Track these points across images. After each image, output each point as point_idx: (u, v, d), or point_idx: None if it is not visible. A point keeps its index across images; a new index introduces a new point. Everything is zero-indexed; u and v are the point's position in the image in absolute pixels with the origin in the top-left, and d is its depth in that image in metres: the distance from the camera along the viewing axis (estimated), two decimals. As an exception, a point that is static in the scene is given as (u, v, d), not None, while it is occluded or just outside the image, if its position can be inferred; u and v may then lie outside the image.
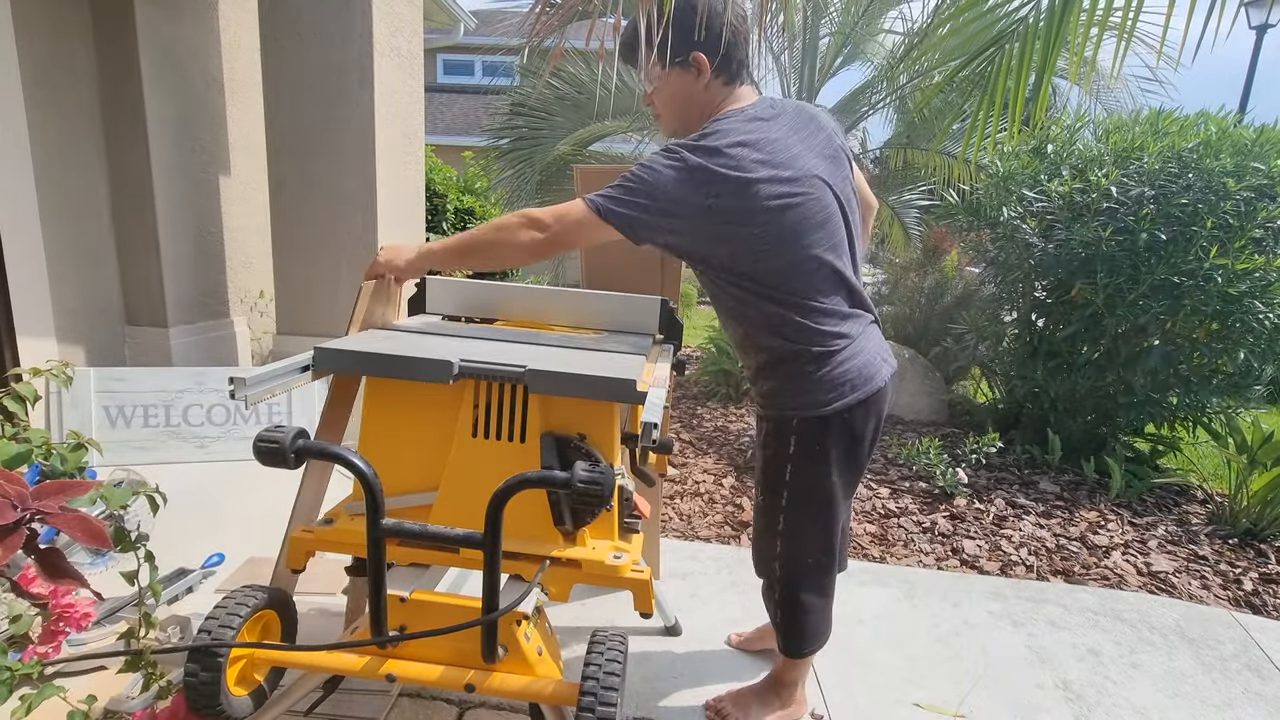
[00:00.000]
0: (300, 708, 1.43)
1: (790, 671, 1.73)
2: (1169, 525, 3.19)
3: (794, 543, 1.57)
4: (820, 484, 1.51)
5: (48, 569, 1.25)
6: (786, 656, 1.68)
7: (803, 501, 1.53)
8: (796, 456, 1.49)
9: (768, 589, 1.66)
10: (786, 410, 1.49)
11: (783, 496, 1.53)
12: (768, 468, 1.55)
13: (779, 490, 1.54)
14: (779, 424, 1.51)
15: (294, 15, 3.28)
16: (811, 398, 1.44)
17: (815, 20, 4.88)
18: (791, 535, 1.56)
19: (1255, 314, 3.19)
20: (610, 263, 2.07)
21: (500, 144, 5.30)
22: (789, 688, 1.74)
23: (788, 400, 1.48)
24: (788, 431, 1.49)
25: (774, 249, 1.36)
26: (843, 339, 1.44)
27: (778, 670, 1.76)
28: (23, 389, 1.67)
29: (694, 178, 1.31)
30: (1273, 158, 3.21)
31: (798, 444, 1.48)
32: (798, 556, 1.58)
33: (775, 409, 1.51)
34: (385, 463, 1.32)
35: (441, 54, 15.11)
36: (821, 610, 1.64)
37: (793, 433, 1.48)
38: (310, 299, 3.51)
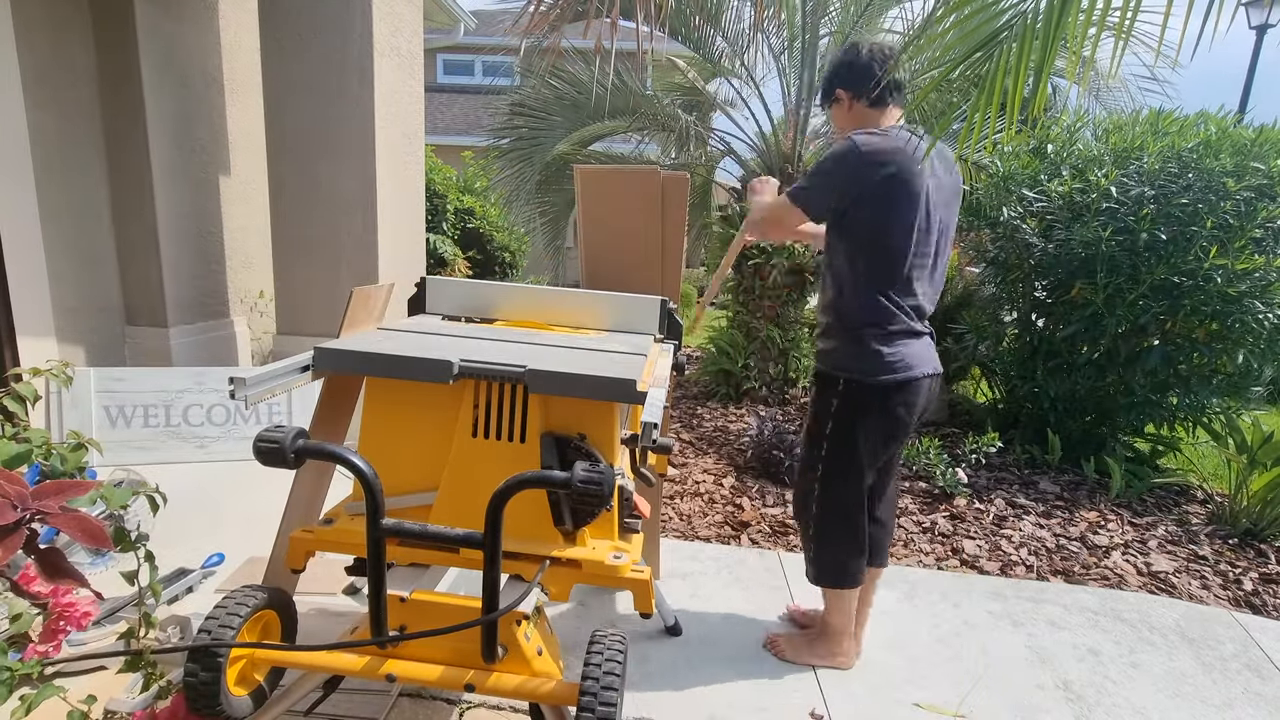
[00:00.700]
0: (300, 708, 1.43)
1: (832, 616, 1.94)
2: (1169, 525, 3.19)
3: (826, 489, 1.85)
4: (852, 441, 1.79)
5: (48, 569, 1.25)
6: (824, 586, 1.92)
7: (836, 454, 1.81)
8: (837, 413, 1.79)
9: (801, 526, 1.96)
10: (836, 370, 1.79)
11: (822, 447, 1.83)
12: (813, 419, 1.86)
13: (820, 440, 1.83)
14: (828, 381, 1.81)
15: (294, 15, 3.28)
16: (859, 365, 1.75)
17: (815, 20, 4.87)
18: (825, 481, 1.84)
19: (1255, 314, 3.19)
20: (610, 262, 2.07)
21: (500, 144, 5.29)
22: (833, 638, 1.96)
23: (840, 362, 1.79)
24: (834, 390, 1.79)
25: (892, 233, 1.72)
26: (900, 331, 1.75)
27: (824, 617, 1.98)
28: (23, 389, 1.67)
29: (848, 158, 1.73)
30: (1273, 158, 3.21)
31: (840, 403, 1.78)
32: (829, 501, 1.86)
33: (828, 367, 1.81)
34: (385, 463, 1.32)
35: (441, 54, 15.11)
36: (844, 553, 1.88)
37: (836, 394, 1.79)
38: (310, 299, 3.51)
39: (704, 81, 5.99)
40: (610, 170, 2.13)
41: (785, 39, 5.07)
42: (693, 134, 5.17)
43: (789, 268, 4.70)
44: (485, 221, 8.44)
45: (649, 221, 2.04)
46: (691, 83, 5.98)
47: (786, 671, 1.95)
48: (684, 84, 6.07)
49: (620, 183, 2.06)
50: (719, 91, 6.18)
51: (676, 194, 2.03)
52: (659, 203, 2.03)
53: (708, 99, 5.98)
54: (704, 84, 5.99)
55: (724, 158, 5.69)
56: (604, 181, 2.07)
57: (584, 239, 2.08)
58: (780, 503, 3.19)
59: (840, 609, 1.93)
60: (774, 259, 4.67)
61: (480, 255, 8.40)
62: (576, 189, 2.07)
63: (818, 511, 1.88)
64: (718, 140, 5.48)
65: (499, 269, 8.64)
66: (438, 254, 7.28)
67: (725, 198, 6.33)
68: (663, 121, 5.18)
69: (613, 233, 2.06)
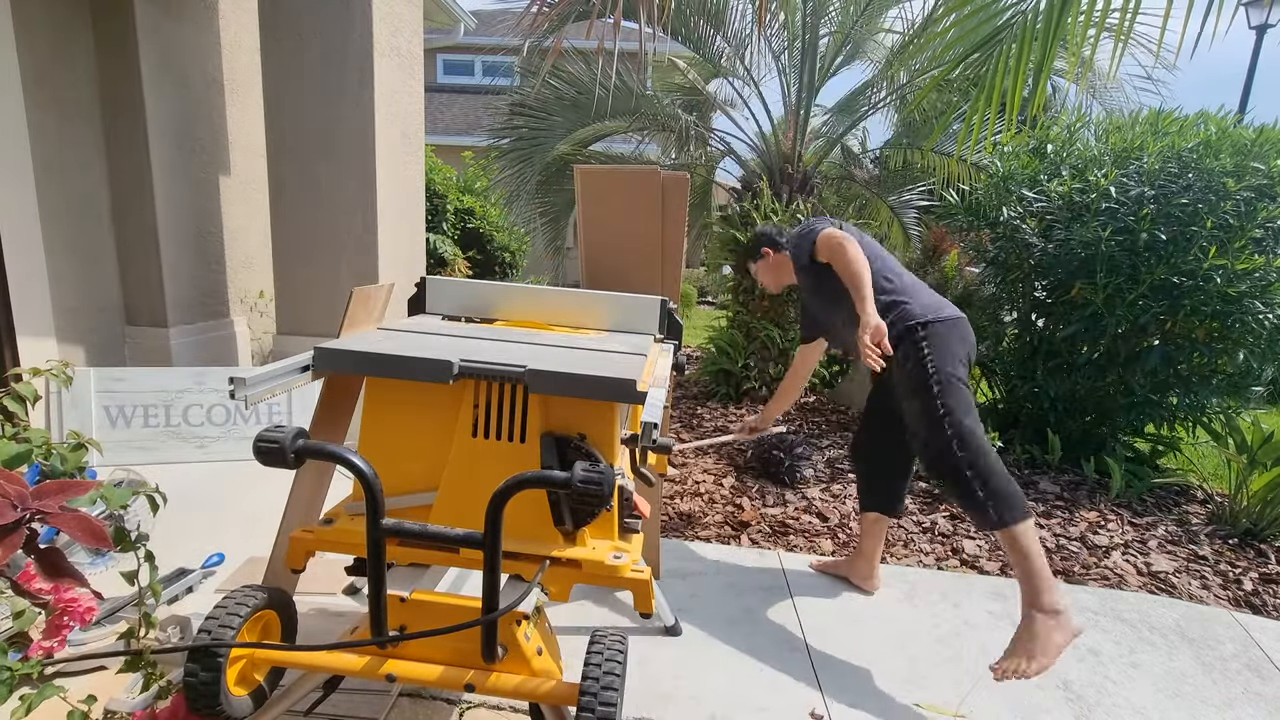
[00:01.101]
0: (300, 708, 1.43)
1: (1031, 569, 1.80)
2: (1169, 525, 3.19)
3: (958, 422, 1.91)
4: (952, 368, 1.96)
5: (47, 568, 1.25)
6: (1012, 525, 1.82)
7: (947, 384, 1.95)
8: (928, 352, 1.98)
9: (956, 479, 1.89)
10: (909, 321, 2.02)
11: (935, 386, 1.94)
12: (914, 372, 1.98)
13: (927, 384, 1.95)
14: (908, 333, 2.01)
15: (294, 15, 3.28)
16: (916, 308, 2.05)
17: (815, 20, 4.87)
18: (952, 415, 1.91)
19: (1255, 314, 3.19)
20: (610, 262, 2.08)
21: (500, 144, 5.30)
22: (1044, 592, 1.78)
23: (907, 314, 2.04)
24: (916, 336, 2.00)
25: None
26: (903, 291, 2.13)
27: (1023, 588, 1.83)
28: (23, 389, 1.67)
29: None
30: (1273, 158, 3.21)
31: (926, 342, 1.99)
32: (968, 433, 1.90)
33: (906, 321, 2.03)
34: (385, 463, 1.32)
35: (441, 54, 15.11)
36: (1009, 480, 1.87)
37: (922, 337, 2.00)
38: (310, 299, 3.51)
39: (704, 82, 6.00)
40: (610, 170, 2.13)
41: (785, 39, 5.07)
42: (693, 134, 5.17)
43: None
44: (485, 221, 8.44)
45: (649, 221, 2.04)
46: (692, 83, 5.98)
47: (786, 671, 1.95)
48: (684, 84, 6.07)
49: (620, 183, 2.06)
50: (719, 92, 6.19)
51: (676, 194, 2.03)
52: (659, 203, 2.03)
53: (708, 99, 5.99)
54: (704, 84, 5.99)
55: (724, 158, 5.69)
56: (604, 181, 2.07)
57: (584, 239, 2.08)
58: (780, 503, 3.19)
59: (1032, 547, 1.82)
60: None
61: (480, 255, 8.39)
62: (576, 189, 2.07)
63: (965, 452, 1.88)
64: (718, 140, 5.48)
65: (499, 269, 8.64)
66: (438, 254, 7.28)
67: (725, 198, 6.33)
68: (663, 122, 5.19)
69: (613, 233, 2.06)
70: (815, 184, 5.19)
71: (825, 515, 3.07)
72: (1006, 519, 1.82)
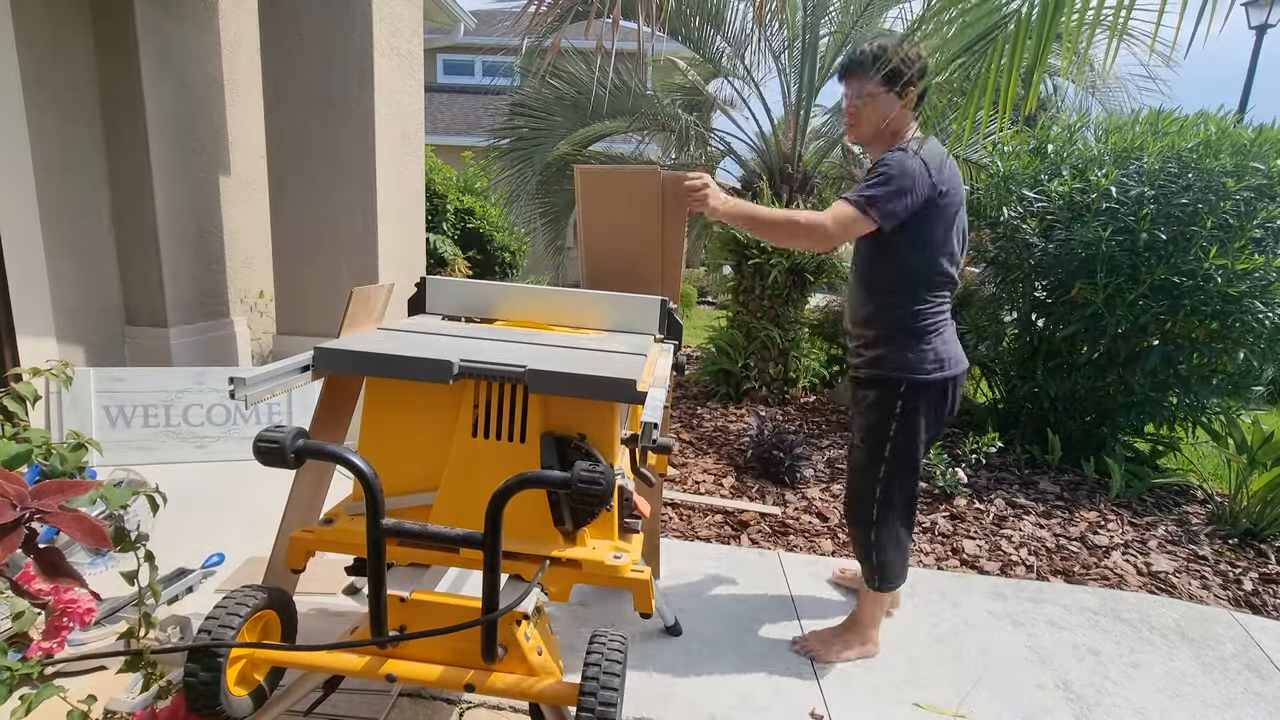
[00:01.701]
0: (300, 708, 1.43)
1: (867, 610, 2.02)
2: (1169, 525, 3.19)
3: (890, 490, 1.90)
4: (915, 439, 1.85)
5: (47, 568, 1.25)
6: (876, 591, 1.98)
7: (901, 454, 1.87)
8: (902, 413, 1.84)
9: (862, 532, 1.96)
10: (896, 373, 1.84)
11: (885, 449, 1.87)
12: (874, 424, 1.88)
13: (882, 443, 1.87)
14: (887, 385, 1.86)
15: (294, 15, 3.28)
16: (920, 366, 1.82)
17: (815, 20, 4.87)
18: (889, 483, 1.89)
19: (1255, 314, 3.19)
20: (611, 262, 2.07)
21: (500, 144, 5.30)
22: (866, 627, 2.03)
23: (900, 365, 1.83)
24: (894, 392, 1.84)
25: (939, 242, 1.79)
26: (947, 329, 1.87)
27: (857, 611, 2.06)
28: (23, 389, 1.68)
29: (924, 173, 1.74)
30: (1272, 158, 3.21)
31: (903, 403, 1.84)
32: (892, 503, 1.91)
33: (885, 371, 1.86)
34: (385, 463, 1.32)
35: (441, 54, 15.11)
36: (905, 552, 1.98)
37: (899, 395, 1.84)
38: (310, 299, 3.51)
39: (704, 82, 6.00)
40: (610, 170, 2.13)
41: (785, 39, 5.07)
42: (693, 134, 5.17)
43: (789, 267, 4.70)
44: (485, 221, 8.43)
45: (649, 221, 2.03)
46: (692, 83, 5.98)
47: (786, 671, 1.95)
48: (684, 84, 6.07)
49: (620, 182, 2.06)
50: (719, 92, 6.19)
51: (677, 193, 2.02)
52: (659, 202, 2.02)
53: (708, 99, 5.99)
54: (704, 84, 5.99)
55: (724, 158, 5.69)
56: (604, 181, 2.07)
57: (584, 239, 2.08)
58: (780, 503, 3.19)
59: (880, 603, 2.03)
60: (774, 259, 4.67)
61: (480, 255, 8.39)
62: (576, 189, 2.06)
63: (880, 514, 1.92)
64: (718, 140, 5.48)
65: (499, 269, 8.64)
66: (438, 254, 7.28)
67: (725, 198, 6.33)
68: (663, 121, 5.19)
69: (613, 233, 2.05)
70: (815, 184, 5.19)
71: (825, 515, 3.07)
72: (888, 586, 1.99)
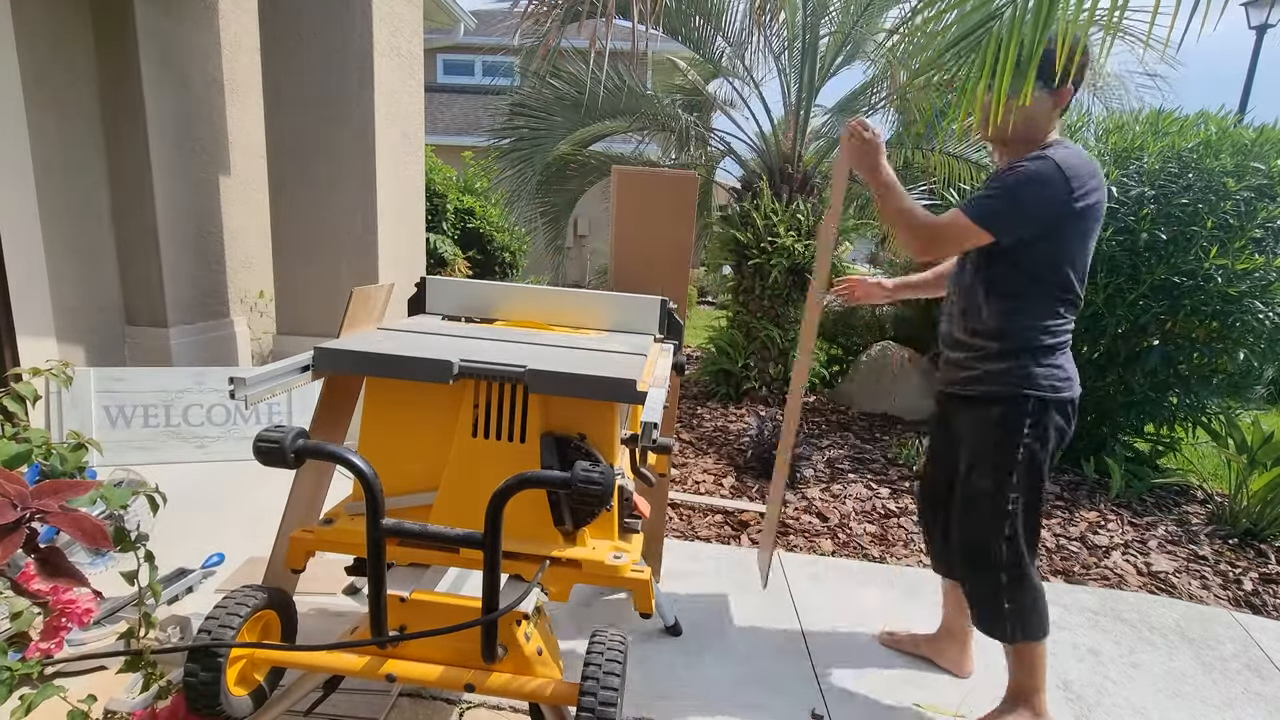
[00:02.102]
0: (300, 708, 1.43)
1: (1025, 672, 1.71)
2: (1169, 525, 3.19)
3: (1019, 523, 1.65)
4: (1041, 463, 1.64)
5: (47, 568, 1.25)
6: (1020, 644, 1.69)
7: (1029, 480, 1.64)
8: (1030, 435, 1.63)
9: (987, 578, 1.68)
10: (1024, 389, 1.63)
11: (1014, 476, 1.64)
12: (999, 446, 1.65)
13: (1012, 469, 1.64)
14: (1012, 402, 1.64)
15: (294, 15, 3.28)
16: (1049, 383, 1.63)
17: (815, 20, 4.87)
18: (1017, 516, 1.65)
19: (1255, 314, 3.19)
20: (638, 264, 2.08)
21: (500, 144, 5.30)
22: (1031, 694, 1.72)
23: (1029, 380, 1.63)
24: (1021, 410, 1.64)
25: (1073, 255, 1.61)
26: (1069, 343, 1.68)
27: (1013, 681, 1.74)
28: (23, 389, 1.67)
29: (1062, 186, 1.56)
30: (1273, 158, 3.21)
31: (1032, 422, 1.63)
32: (1021, 537, 1.66)
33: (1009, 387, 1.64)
34: (385, 463, 1.32)
35: (441, 54, 15.10)
36: (1041, 591, 1.69)
37: (1026, 413, 1.63)
38: (310, 299, 3.51)
39: (704, 82, 5.99)
40: (648, 173, 2.14)
41: (785, 39, 5.07)
42: (693, 134, 5.17)
43: (789, 267, 4.70)
44: (485, 221, 8.44)
45: (681, 225, 2.06)
46: (692, 83, 5.98)
47: (786, 671, 1.95)
48: (684, 84, 6.07)
49: (655, 185, 2.07)
50: (719, 92, 6.19)
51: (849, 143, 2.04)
52: (693, 207, 2.05)
53: (708, 99, 5.98)
54: (704, 84, 5.99)
55: (724, 158, 5.69)
56: (640, 184, 2.08)
57: (615, 238, 2.08)
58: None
59: (1036, 659, 1.70)
60: (774, 259, 4.67)
61: (480, 255, 8.39)
62: (613, 189, 2.07)
63: (1010, 554, 1.65)
64: (718, 140, 5.48)
65: (499, 269, 8.64)
66: (438, 254, 7.28)
67: (725, 198, 6.33)
68: (663, 121, 5.18)
69: (643, 235, 2.06)
70: (815, 184, 5.19)
71: (825, 515, 3.07)
72: (1018, 637, 1.68)
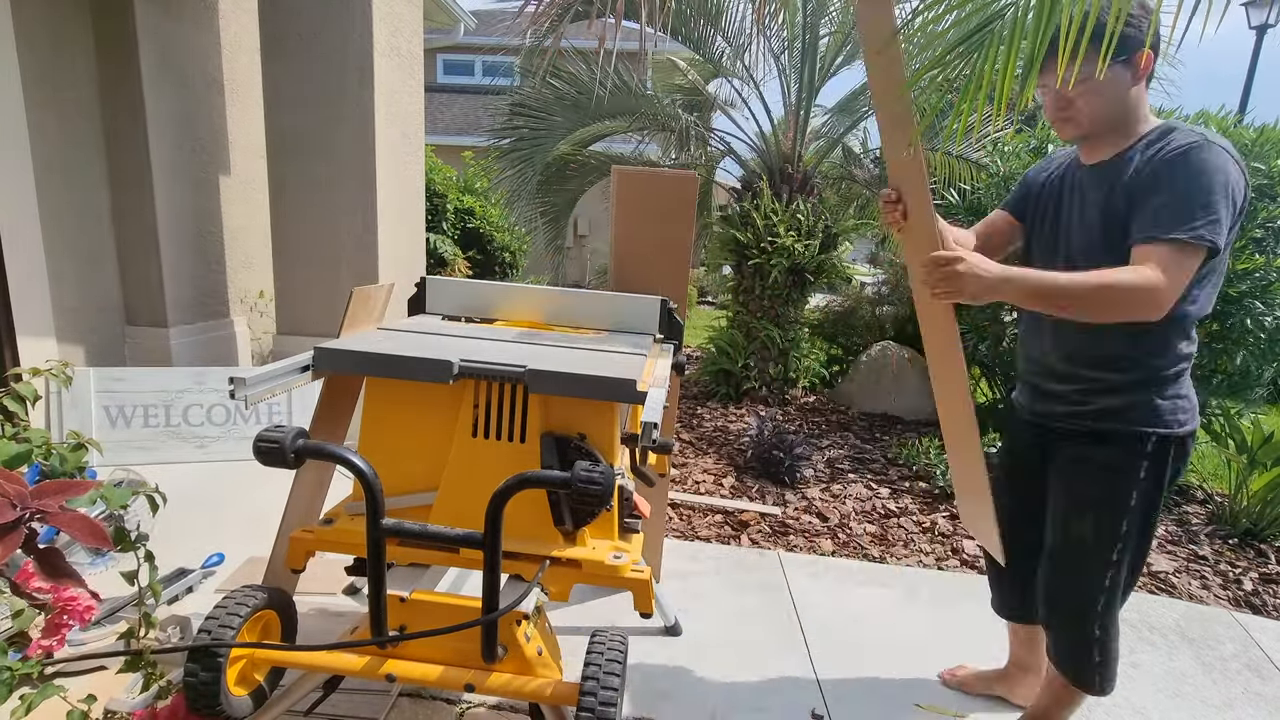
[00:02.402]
0: (300, 708, 1.43)
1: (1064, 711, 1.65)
2: (1169, 525, 3.19)
3: (1127, 572, 1.48)
4: (1155, 509, 1.46)
5: (47, 568, 1.25)
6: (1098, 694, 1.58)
7: (1141, 528, 1.46)
8: (1147, 478, 1.43)
9: (1081, 628, 1.53)
10: (1146, 427, 1.42)
11: (1123, 524, 1.45)
12: (1109, 490, 1.46)
13: (1121, 516, 1.45)
14: (1128, 440, 1.43)
15: (294, 15, 3.28)
16: (1173, 417, 1.42)
17: (815, 21, 4.87)
18: (1121, 566, 1.47)
19: (1255, 314, 3.19)
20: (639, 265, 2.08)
21: (501, 144, 5.30)
22: None
23: (1152, 417, 1.42)
24: (1139, 451, 1.43)
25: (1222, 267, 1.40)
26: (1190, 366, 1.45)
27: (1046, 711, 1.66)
28: (23, 389, 1.67)
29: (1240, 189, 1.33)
30: (1273, 158, 3.21)
31: (1150, 464, 1.43)
32: (1122, 589, 1.50)
33: (1129, 425, 1.43)
34: (385, 463, 1.32)
35: (441, 54, 15.09)
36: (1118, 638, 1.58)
37: (1144, 455, 1.42)
38: (310, 299, 3.51)
39: (705, 82, 5.99)
40: (648, 173, 2.14)
41: (785, 39, 5.07)
42: (693, 134, 5.17)
43: (789, 267, 4.70)
44: (485, 221, 8.44)
45: (681, 225, 2.05)
46: (692, 83, 5.98)
47: (787, 671, 1.95)
48: (685, 84, 6.07)
49: (656, 185, 2.07)
50: (719, 92, 6.18)
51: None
52: (693, 207, 2.05)
53: (708, 99, 5.98)
54: (704, 84, 5.99)
55: (724, 158, 5.69)
56: (640, 184, 2.08)
57: (615, 238, 2.08)
58: (780, 503, 3.19)
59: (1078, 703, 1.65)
60: (774, 259, 4.67)
61: (480, 255, 8.40)
62: (613, 189, 2.07)
63: (1108, 604, 1.49)
64: (718, 140, 5.48)
65: (499, 269, 8.65)
66: (438, 254, 7.28)
67: (725, 198, 6.33)
68: (663, 121, 5.18)
69: (644, 235, 2.06)
70: (815, 184, 5.19)
71: (825, 515, 3.07)
72: (1107, 689, 1.57)
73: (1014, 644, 1.88)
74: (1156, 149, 1.34)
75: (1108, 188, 1.39)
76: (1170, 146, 1.32)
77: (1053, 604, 1.58)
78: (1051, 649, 1.61)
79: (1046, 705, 1.67)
